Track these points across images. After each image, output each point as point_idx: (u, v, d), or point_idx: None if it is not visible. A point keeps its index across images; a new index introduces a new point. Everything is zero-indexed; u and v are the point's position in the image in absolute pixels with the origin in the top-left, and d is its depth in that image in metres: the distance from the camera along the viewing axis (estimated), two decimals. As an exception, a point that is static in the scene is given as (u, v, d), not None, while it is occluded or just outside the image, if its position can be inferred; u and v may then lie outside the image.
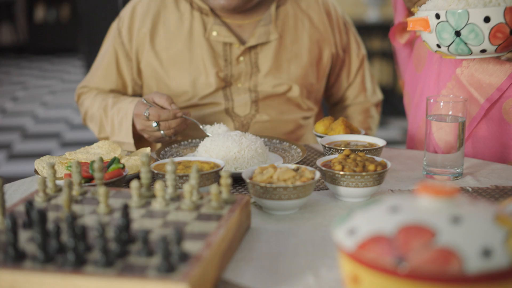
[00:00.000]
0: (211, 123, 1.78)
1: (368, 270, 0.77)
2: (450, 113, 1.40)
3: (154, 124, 1.58)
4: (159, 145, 1.82)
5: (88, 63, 6.69)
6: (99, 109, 1.76)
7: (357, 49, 1.94)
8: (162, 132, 1.59)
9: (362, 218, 0.82)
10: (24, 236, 0.97)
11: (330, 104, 2.03)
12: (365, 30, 5.66)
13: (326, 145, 1.45)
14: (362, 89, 1.96)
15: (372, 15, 5.86)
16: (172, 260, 0.86)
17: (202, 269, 0.87)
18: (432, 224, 0.77)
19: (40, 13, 9.34)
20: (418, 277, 0.73)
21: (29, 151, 4.81)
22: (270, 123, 1.80)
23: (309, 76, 1.83)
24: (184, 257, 0.88)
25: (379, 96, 2.00)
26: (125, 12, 1.85)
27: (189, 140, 1.62)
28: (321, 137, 1.56)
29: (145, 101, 1.60)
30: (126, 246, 0.91)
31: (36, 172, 1.37)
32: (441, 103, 1.40)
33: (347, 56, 1.93)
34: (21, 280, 0.86)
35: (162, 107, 1.59)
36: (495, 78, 1.54)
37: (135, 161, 1.37)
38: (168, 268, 0.85)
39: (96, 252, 0.88)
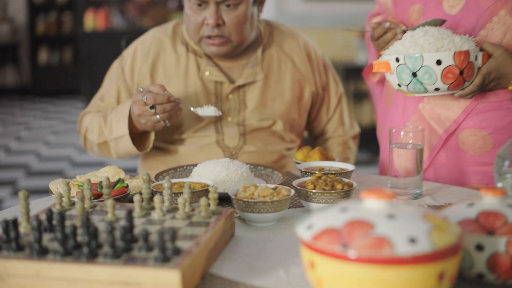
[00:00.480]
0: (205, 154, 1.99)
1: (320, 255, 0.97)
2: (410, 141, 1.62)
3: (151, 107, 1.76)
4: (153, 169, 2.02)
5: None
6: (100, 119, 1.96)
7: (336, 88, 2.17)
8: (158, 116, 1.78)
9: (318, 217, 1.03)
10: (46, 237, 1.17)
11: (313, 137, 2.25)
12: (356, 72, 5.92)
13: (303, 170, 1.67)
14: (340, 123, 2.18)
15: (362, 58, 6.12)
16: (167, 254, 1.07)
17: (191, 261, 1.08)
18: (371, 219, 0.98)
19: (43, 56, 9.63)
20: (358, 259, 0.94)
21: (33, 187, 5.01)
22: (256, 154, 2.01)
23: (291, 112, 2.05)
24: (177, 251, 1.09)
25: (356, 129, 2.22)
26: (128, 53, 2.08)
27: (184, 167, 1.83)
28: (299, 163, 1.77)
29: (141, 89, 1.80)
30: (130, 244, 1.12)
31: (51, 192, 1.58)
32: (402, 133, 1.62)
33: (326, 94, 2.15)
34: (45, 268, 1.06)
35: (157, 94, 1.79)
36: (452, 112, 1.76)
37: (137, 183, 1.58)
38: (164, 259, 1.06)
39: (106, 247, 1.09)
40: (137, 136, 1.97)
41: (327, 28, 6.17)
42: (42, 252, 1.09)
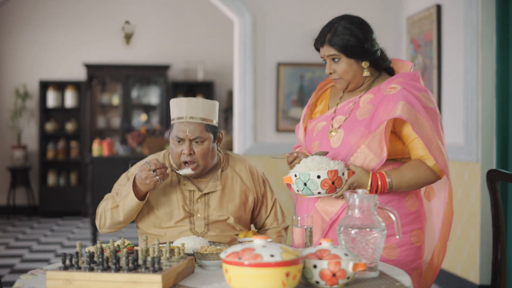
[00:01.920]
0: (182, 237, 3.02)
1: (229, 265, 2.02)
2: (305, 224, 2.67)
3: (153, 171, 2.81)
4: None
5: (94, 225, 7.87)
6: (114, 195, 2.99)
7: (271, 195, 3.24)
8: (157, 177, 2.82)
9: (230, 248, 2.08)
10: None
11: (256, 228, 3.30)
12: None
13: (240, 242, 2.72)
14: (275, 219, 3.24)
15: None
16: (156, 269, 2.11)
17: (167, 274, 2.11)
18: (254, 247, 2.03)
19: (51, 179, 10.76)
20: (246, 265, 1.98)
21: (45, 288, 5.96)
22: (216, 237, 3.04)
23: (239, 211, 3.11)
24: (161, 269, 2.13)
25: (287, 223, 3.28)
26: (132, 168, 3.15)
27: (168, 242, 2.86)
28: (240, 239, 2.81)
29: (145, 161, 2.86)
30: (136, 266, 2.16)
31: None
32: (299, 218, 2.68)
33: (264, 200, 3.22)
34: (93, 276, 2.10)
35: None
36: (334, 207, 2.82)
37: (139, 247, 2.62)
38: (154, 271, 2.10)
39: (124, 266, 2.13)
40: (139, 198, 2.94)
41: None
42: (91, 269, 2.14)
